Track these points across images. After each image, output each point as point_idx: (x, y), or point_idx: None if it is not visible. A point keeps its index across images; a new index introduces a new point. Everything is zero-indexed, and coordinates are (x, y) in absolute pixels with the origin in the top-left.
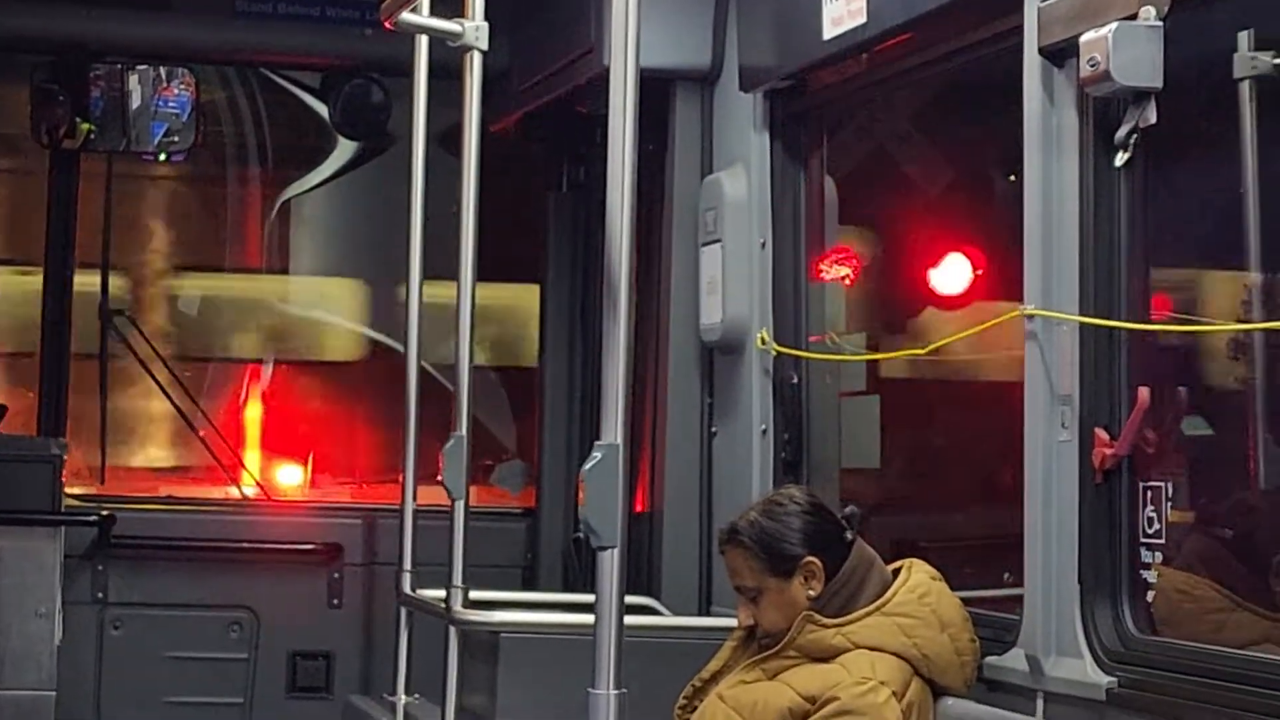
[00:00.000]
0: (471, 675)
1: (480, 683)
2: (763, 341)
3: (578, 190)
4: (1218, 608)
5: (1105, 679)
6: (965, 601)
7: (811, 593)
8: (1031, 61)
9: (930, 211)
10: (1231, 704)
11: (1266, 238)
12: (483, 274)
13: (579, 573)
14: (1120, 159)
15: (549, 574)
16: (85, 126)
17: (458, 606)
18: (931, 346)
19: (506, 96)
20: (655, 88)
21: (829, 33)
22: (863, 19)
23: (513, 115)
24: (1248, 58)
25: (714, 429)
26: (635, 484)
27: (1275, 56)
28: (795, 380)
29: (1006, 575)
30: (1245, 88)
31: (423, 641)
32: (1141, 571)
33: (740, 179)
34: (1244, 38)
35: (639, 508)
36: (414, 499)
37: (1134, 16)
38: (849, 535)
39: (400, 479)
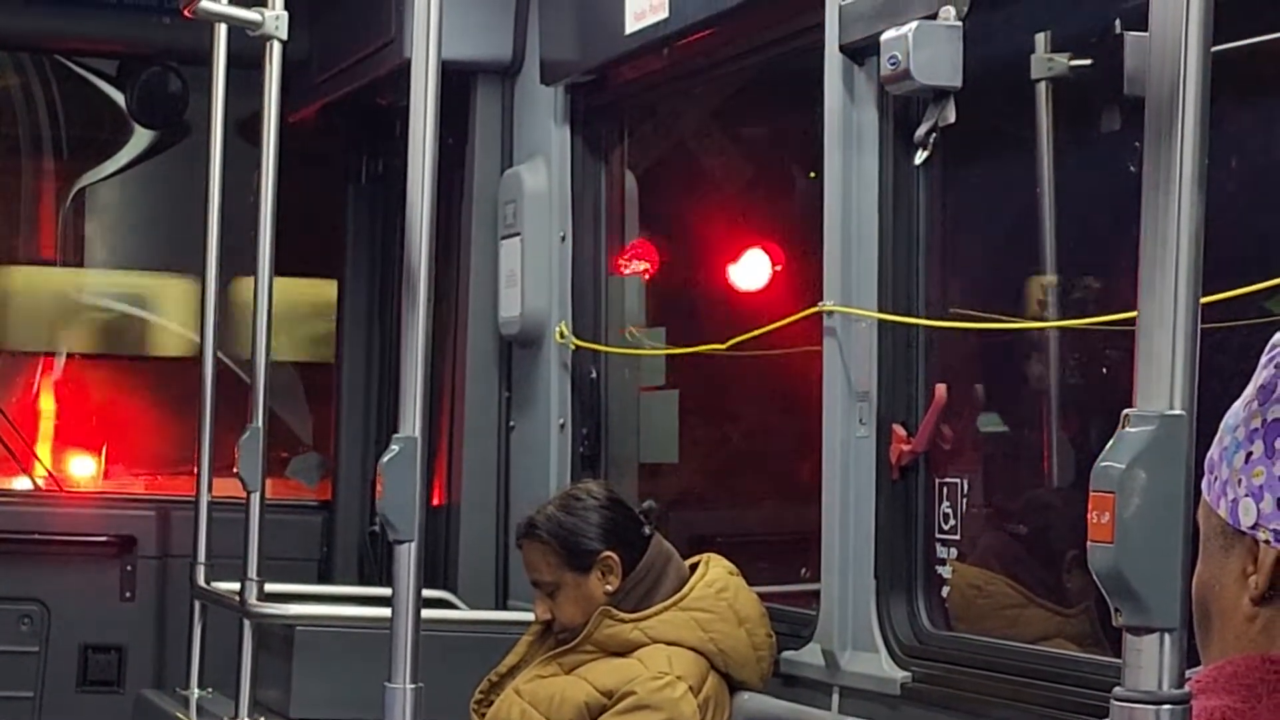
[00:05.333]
0: (266, 669)
1: (275, 676)
2: (562, 335)
3: (377, 183)
4: (1011, 603)
5: (900, 674)
6: (762, 597)
7: (609, 587)
8: (832, 59)
9: (731, 207)
10: (1023, 698)
11: (1061, 237)
12: (280, 266)
13: (375, 566)
14: (919, 157)
15: (345, 567)
16: None
17: (252, 600)
18: (731, 342)
19: (306, 87)
20: (456, 80)
21: (631, 27)
22: (664, 14)
23: (312, 106)
24: (1044, 59)
25: (512, 423)
26: (432, 477)
27: (1071, 58)
28: (594, 375)
29: (803, 571)
30: (1042, 88)
31: (217, 635)
32: (937, 567)
33: (540, 172)
34: (1040, 39)
35: (436, 501)
36: (209, 491)
37: (934, 16)
38: (647, 530)
39: (195, 471)
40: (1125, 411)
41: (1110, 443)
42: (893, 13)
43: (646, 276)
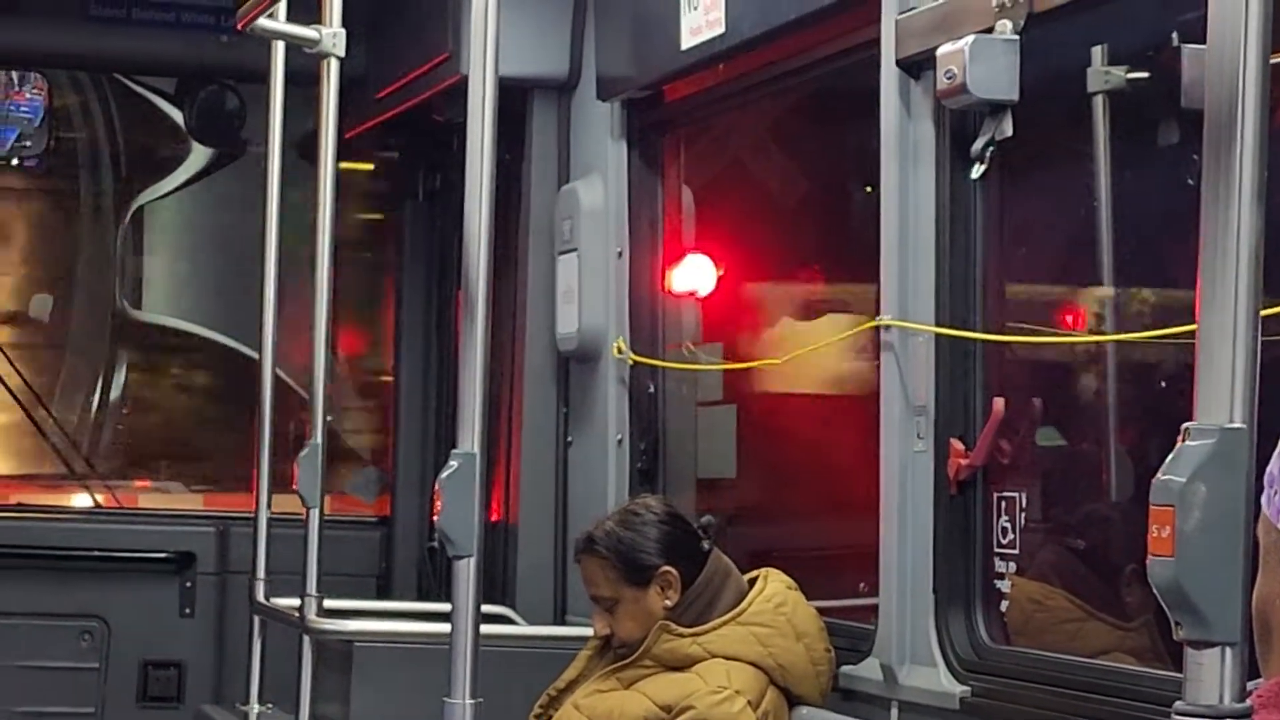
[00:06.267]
0: (325, 685)
1: (334, 692)
2: (619, 351)
3: (434, 198)
4: (1070, 618)
5: (959, 688)
6: (821, 611)
7: (668, 602)
8: (889, 73)
9: (788, 222)
10: (1083, 713)
11: (1118, 250)
12: (338, 282)
13: (433, 581)
14: (976, 171)
15: (403, 583)
16: None
17: (311, 615)
18: (788, 356)
19: (363, 104)
20: (513, 96)
21: (687, 43)
22: (721, 29)
23: (369, 123)
24: (1101, 72)
25: (570, 438)
26: (491, 493)
27: (1128, 71)
28: (651, 390)
29: (862, 585)
30: (1099, 101)
31: (276, 651)
32: (995, 581)
33: (597, 188)
34: (1097, 52)
35: (494, 517)
36: (268, 507)
37: (990, 30)
38: (706, 545)
39: (254, 487)
40: (1185, 425)
41: (1170, 456)
42: (949, 27)
43: (703, 292)
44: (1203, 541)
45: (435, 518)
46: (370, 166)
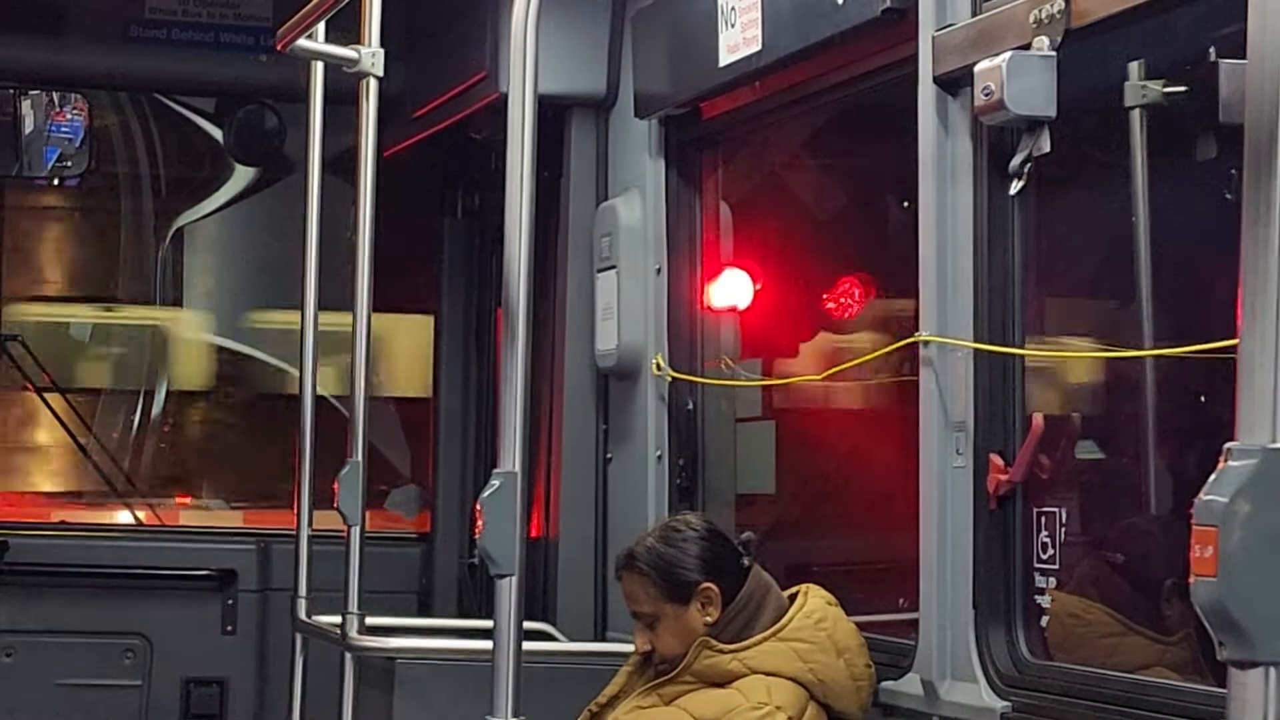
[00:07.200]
0: (367, 702)
1: (376, 709)
2: (658, 367)
3: (472, 217)
4: (1110, 632)
5: (1000, 703)
6: (861, 626)
7: (708, 618)
8: (926, 90)
9: (825, 238)
10: None
11: (1157, 264)
12: (377, 301)
13: (474, 597)
14: (1014, 187)
15: (443, 599)
16: None
17: (353, 633)
18: (827, 373)
19: (401, 122)
20: (551, 114)
21: (724, 60)
22: (758, 46)
23: (408, 141)
24: (1138, 87)
25: (609, 455)
26: (531, 510)
27: (1165, 86)
28: (690, 406)
29: (901, 601)
30: (1136, 116)
31: (318, 668)
32: (1035, 596)
33: (635, 205)
34: (1134, 67)
35: (534, 533)
36: (309, 524)
37: (1028, 46)
38: (746, 561)
39: (294, 504)
40: (1227, 445)
41: (1212, 477)
42: (986, 43)
43: (742, 308)
44: (1246, 562)
45: (477, 537)
46: (409, 185)
